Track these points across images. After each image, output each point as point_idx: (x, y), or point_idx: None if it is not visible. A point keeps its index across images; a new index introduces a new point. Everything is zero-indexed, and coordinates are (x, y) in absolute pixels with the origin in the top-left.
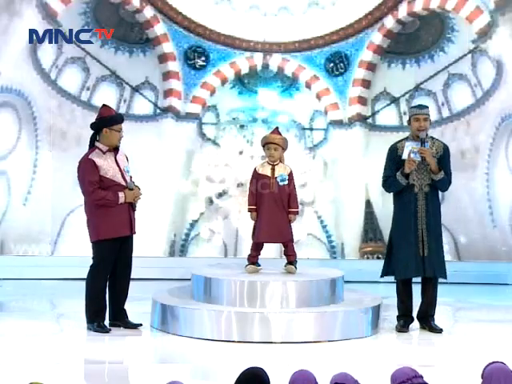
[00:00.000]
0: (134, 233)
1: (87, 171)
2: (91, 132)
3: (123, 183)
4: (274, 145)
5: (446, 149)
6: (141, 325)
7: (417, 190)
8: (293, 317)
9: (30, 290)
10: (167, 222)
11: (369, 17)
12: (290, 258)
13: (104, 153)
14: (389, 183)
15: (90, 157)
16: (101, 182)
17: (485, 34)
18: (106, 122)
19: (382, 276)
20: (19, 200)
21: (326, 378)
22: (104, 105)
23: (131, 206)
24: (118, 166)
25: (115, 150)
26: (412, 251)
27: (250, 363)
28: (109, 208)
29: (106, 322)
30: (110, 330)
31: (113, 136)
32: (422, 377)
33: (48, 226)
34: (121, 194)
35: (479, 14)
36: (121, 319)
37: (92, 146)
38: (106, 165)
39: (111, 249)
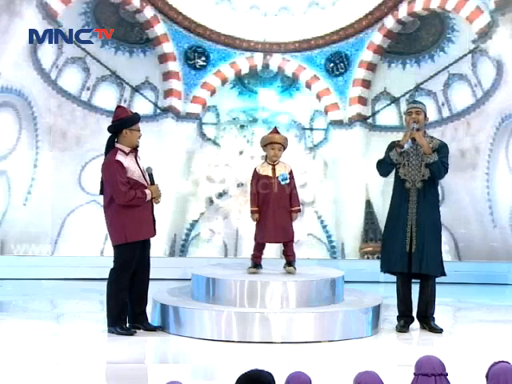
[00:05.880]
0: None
1: (118, 172)
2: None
3: (145, 184)
4: (278, 144)
5: (443, 145)
6: (160, 327)
7: (409, 186)
8: (293, 317)
9: (30, 289)
10: (167, 222)
11: (369, 17)
12: (290, 258)
13: (127, 154)
14: (380, 161)
15: (116, 158)
16: (127, 183)
17: (485, 33)
18: (126, 122)
19: (381, 271)
20: (19, 200)
21: (326, 379)
22: (119, 106)
23: (152, 206)
24: (139, 166)
25: (135, 150)
26: (398, 246)
27: (250, 363)
28: (134, 210)
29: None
30: (135, 332)
31: (133, 136)
32: (447, 375)
33: (48, 226)
34: (147, 191)
35: (479, 13)
36: (142, 322)
37: (109, 148)
38: (131, 166)
39: (135, 250)
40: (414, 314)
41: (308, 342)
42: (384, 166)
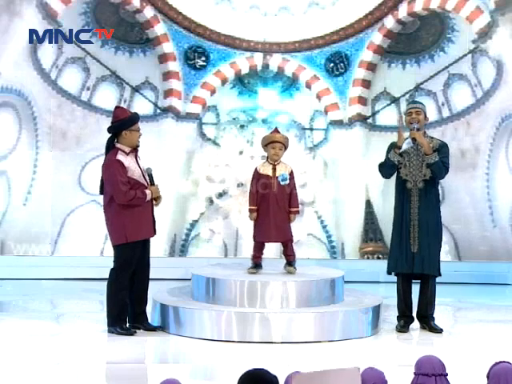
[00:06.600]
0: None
1: (118, 172)
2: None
3: (145, 184)
4: (279, 144)
5: (443, 145)
6: (160, 327)
7: (410, 186)
8: (293, 317)
9: (30, 289)
10: (167, 222)
11: (369, 17)
12: (290, 258)
13: (127, 154)
14: (382, 164)
15: (117, 158)
16: (127, 183)
17: (485, 34)
18: (125, 123)
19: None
20: (19, 200)
21: None
22: (118, 106)
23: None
24: (139, 166)
25: (135, 150)
26: (403, 247)
27: (250, 363)
28: (134, 210)
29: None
30: (135, 332)
31: (133, 136)
32: (447, 375)
33: (48, 226)
34: (148, 191)
35: (479, 13)
36: (142, 322)
37: (108, 149)
38: (131, 166)
39: (135, 250)
40: (414, 314)
41: (308, 342)
42: (386, 168)
